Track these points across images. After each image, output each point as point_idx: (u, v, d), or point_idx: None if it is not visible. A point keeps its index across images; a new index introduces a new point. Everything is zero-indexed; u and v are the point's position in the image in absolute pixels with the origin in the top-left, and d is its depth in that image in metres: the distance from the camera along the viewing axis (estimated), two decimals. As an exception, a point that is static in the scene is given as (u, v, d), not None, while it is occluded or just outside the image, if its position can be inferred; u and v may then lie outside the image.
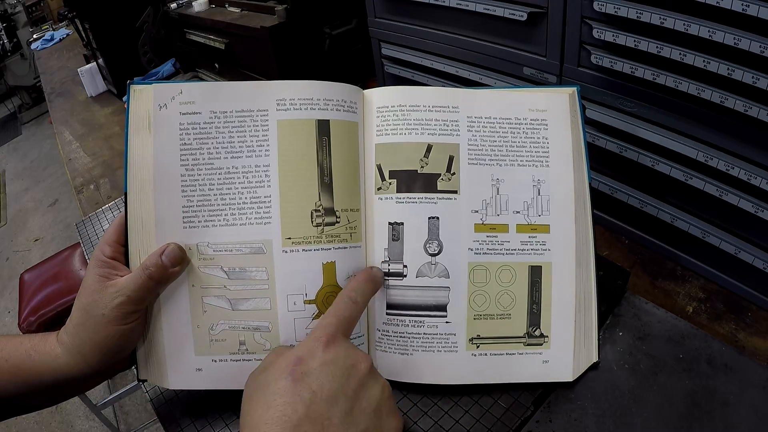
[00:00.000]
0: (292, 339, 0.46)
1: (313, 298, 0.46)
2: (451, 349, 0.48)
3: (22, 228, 3.10)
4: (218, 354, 0.46)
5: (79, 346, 0.42)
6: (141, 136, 0.46)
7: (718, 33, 0.46)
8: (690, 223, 0.59)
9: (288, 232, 0.46)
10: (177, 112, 0.46)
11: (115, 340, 0.42)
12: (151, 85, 0.47)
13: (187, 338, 0.46)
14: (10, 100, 4.73)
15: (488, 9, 0.67)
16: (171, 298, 0.46)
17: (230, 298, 0.46)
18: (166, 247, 0.44)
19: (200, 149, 0.46)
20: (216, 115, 0.46)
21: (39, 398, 0.44)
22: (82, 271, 1.45)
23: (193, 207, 0.46)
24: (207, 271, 0.46)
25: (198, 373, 0.46)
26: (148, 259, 0.43)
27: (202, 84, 0.48)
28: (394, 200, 0.48)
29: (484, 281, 0.48)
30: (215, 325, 0.46)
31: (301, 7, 1.00)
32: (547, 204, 0.48)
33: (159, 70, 1.49)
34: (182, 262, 0.45)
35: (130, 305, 0.42)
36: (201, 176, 0.46)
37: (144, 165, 0.46)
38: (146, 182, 0.46)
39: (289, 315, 0.46)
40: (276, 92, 0.47)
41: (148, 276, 0.42)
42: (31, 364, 0.42)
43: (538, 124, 0.49)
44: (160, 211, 0.46)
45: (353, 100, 0.49)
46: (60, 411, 1.86)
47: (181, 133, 0.46)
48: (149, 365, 0.47)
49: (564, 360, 0.47)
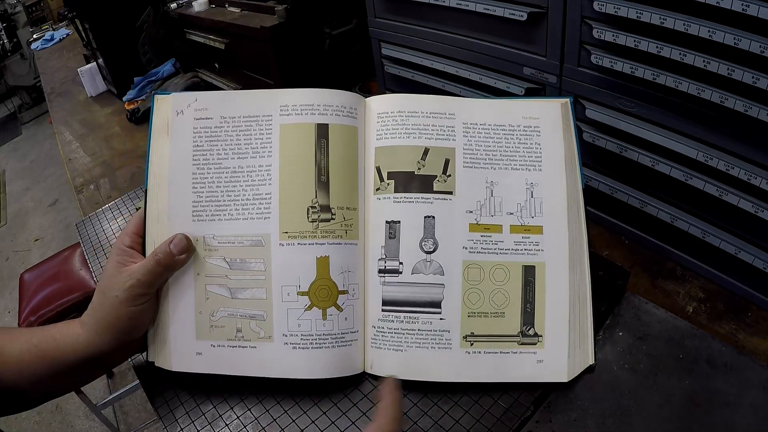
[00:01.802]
0: (284, 328, 0.48)
1: (306, 289, 0.48)
2: (445, 345, 0.48)
3: (22, 228, 3.10)
4: (217, 339, 0.49)
5: (95, 325, 0.46)
6: (161, 139, 0.51)
7: (718, 33, 0.46)
8: (690, 223, 0.59)
9: (285, 226, 0.49)
10: (192, 118, 0.51)
11: (126, 320, 0.46)
12: (170, 94, 0.52)
13: (189, 322, 0.49)
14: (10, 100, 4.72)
15: (488, 9, 0.67)
16: (178, 284, 0.50)
17: (231, 287, 0.49)
18: (174, 237, 0.49)
19: (210, 150, 0.51)
20: (226, 120, 0.51)
21: (65, 380, 0.48)
22: (82, 270, 1.45)
23: (202, 202, 0.50)
24: (211, 261, 0.50)
25: (198, 357, 0.49)
26: (158, 248, 0.48)
27: (216, 93, 0.53)
28: (392, 200, 0.50)
29: (478, 279, 0.49)
30: (216, 312, 0.49)
31: (301, 7, 1.00)
32: (540, 206, 0.50)
33: (159, 70, 1.49)
34: (188, 251, 0.49)
35: (140, 288, 0.46)
36: (210, 175, 0.50)
37: (162, 164, 0.51)
38: (163, 180, 0.51)
39: (282, 305, 0.49)
40: (281, 99, 0.51)
41: (157, 262, 0.47)
42: (56, 346, 0.46)
43: (531, 130, 0.51)
44: (172, 206, 0.50)
45: (354, 107, 0.52)
46: (60, 411, 1.86)
47: (194, 136, 0.51)
48: (156, 347, 0.50)
49: (558, 360, 0.48)
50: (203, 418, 0.49)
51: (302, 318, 0.48)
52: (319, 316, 0.48)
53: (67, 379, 0.48)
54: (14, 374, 0.47)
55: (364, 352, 0.50)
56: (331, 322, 0.48)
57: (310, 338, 0.48)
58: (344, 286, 0.49)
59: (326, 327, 0.48)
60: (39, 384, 0.47)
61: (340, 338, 0.48)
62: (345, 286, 0.49)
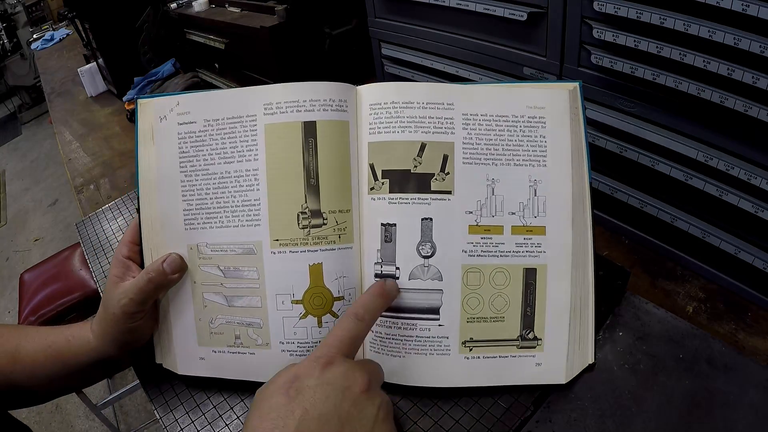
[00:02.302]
0: (281, 336, 0.48)
1: (300, 298, 0.47)
2: (443, 352, 0.47)
3: (22, 228, 3.10)
4: (217, 345, 0.49)
5: (102, 335, 0.48)
6: (146, 146, 0.50)
7: (718, 33, 0.46)
8: (690, 223, 0.59)
9: (276, 234, 0.47)
10: (175, 123, 0.49)
11: (127, 334, 0.47)
12: (153, 99, 0.50)
13: (191, 329, 0.50)
14: (10, 100, 4.72)
15: (488, 9, 0.67)
16: (178, 293, 0.50)
17: (226, 294, 0.49)
18: (168, 256, 0.48)
19: (196, 156, 0.49)
20: (209, 123, 0.48)
21: (78, 378, 0.51)
22: (82, 271, 1.45)
23: (193, 210, 0.49)
24: (206, 269, 0.49)
25: (201, 362, 0.50)
26: (151, 266, 0.48)
27: (197, 94, 0.50)
28: (387, 201, 0.47)
29: (477, 284, 0.47)
30: (214, 319, 0.49)
31: (301, 7, 1.00)
32: (543, 205, 0.47)
33: (159, 70, 1.49)
34: (181, 270, 0.49)
35: (133, 306, 0.46)
36: (198, 181, 0.49)
37: (150, 172, 0.50)
38: (152, 188, 0.50)
39: (278, 313, 0.48)
40: (263, 97, 0.47)
41: (149, 280, 0.46)
42: (69, 347, 0.48)
43: (536, 121, 0.47)
44: (165, 214, 0.49)
45: (343, 98, 0.48)
46: (60, 411, 1.86)
47: (179, 142, 0.49)
48: (163, 351, 0.51)
49: (557, 363, 0.47)
50: (203, 418, 0.49)
51: (298, 326, 0.47)
52: (314, 323, 0.47)
53: (79, 377, 0.50)
54: (27, 374, 0.48)
55: (362, 358, 0.49)
56: (327, 329, 0.47)
57: (306, 346, 0.48)
58: (339, 292, 0.47)
59: (322, 334, 0.47)
60: (51, 382, 0.49)
61: None
62: (340, 292, 0.48)
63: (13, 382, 0.48)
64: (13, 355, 0.48)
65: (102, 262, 0.74)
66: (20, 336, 0.50)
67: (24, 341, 0.49)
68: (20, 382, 0.48)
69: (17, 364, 0.48)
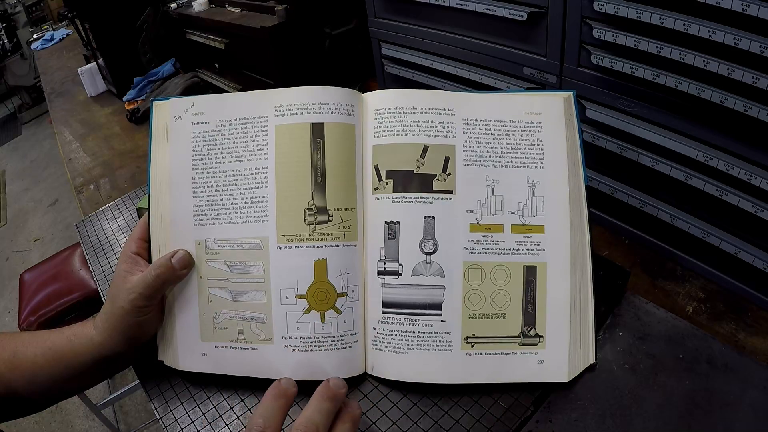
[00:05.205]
0: (283, 331, 0.49)
1: (304, 293, 0.49)
2: (445, 348, 0.48)
3: (22, 228, 3.10)
4: (220, 341, 0.50)
5: (107, 330, 0.47)
6: (161, 145, 0.52)
7: (718, 33, 0.46)
8: (690, 223, 0.59)
9: (282, 229, 0.49)
10: (189, 123, 0.52)
11: (134, 328, 0.47)
12: (168, 100, 0.52)
13: (194, 324, 0.50)
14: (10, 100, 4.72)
15: (488, 9, 0.67)
16: (183, 288, 0.50)
17: (231, 289, 0.50)
18: (176, 252, 0.49)
19: (208, 155, 0.51)
20: (222, 124, 0.51)
21: (81, 380, 0.49)
22: (82, 271, 1.45)
23: (202, 206, 0.51)
24: (213, 265, 0.50)
25: (203, 358, 0.50)
26: (159, 261, 0.48)
27: (211, 96, 0.52)
28: (391, 200, 0.49)
29: (479, 280, 0.49)
30: (218, 314, 0.50)
31: (301, 7, 1.00)
32: (541, 205, 0.49)
33: (159, 70, 1.49)
34: (189, 266, 0.50)
35: (142, 300, 0.47)
36: (209, 179, 0.51)
37: (163, 170, 0.52)
38: (164, 185, 0.51)
39: (281, 308, 0.49)
40: (275, 99, 0.50)
41: (157, 275, 0.47)
42: (72, 347, 0.47)
43: (533, 126, 0.50)
44: (174, 211, 0.51)
45: (350, 103, 0.51)
46: (60, 411, 1.86)
47: (192, 141, 0.51)
48: (165, 347, 0.51)
49: (559, 360, 0.48)
50: (203, 418, 0.49)
51: (301, 321, 0.48)
52: (317, 319, 0.48)
53: (81, 379, 0.49)
54: (27, 380, 0.48)
55: (364, 354, 0.50)
56: (329, 324, 0.48)
57: (309, 341, 0.48)
58: (343, 288, 0.49)
59: (325, 330, 0.48)
60: (51, 386, 0.48)
61: (340, 340, 0.48)
62: (344, 288, 0.49)
63: (12, 390, 0.48)
64: (11, 361, 0.48)
65: (102, 262, 0.74)
66: (16, 342, 0.49)
67: (21, 347, 0.48)
68: (19, 388, 0.48)
69: (16, 370, 0.47)
